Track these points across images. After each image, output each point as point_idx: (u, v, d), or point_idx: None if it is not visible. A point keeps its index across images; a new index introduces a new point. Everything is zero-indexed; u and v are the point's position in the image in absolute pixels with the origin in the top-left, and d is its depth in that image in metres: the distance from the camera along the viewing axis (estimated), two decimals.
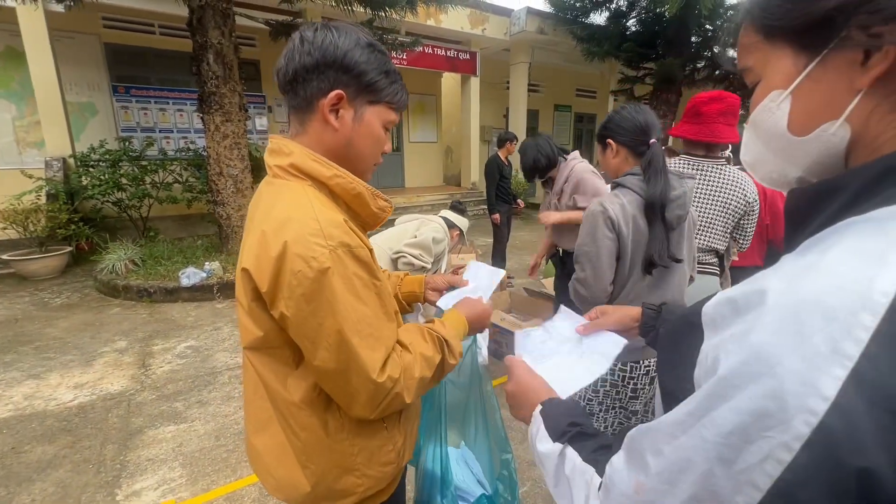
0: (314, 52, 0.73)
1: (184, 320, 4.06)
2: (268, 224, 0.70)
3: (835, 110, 0.40)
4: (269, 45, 6.34)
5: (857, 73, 0.38)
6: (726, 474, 0.34)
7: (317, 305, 0.67)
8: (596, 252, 1.34)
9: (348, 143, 0.79)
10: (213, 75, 4.77)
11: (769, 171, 0.48)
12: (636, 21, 9.24)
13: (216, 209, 5.27)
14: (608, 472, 0.47)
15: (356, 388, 0.71)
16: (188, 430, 2.47)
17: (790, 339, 0.32)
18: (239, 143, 5.09)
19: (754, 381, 0.33)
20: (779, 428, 0.31)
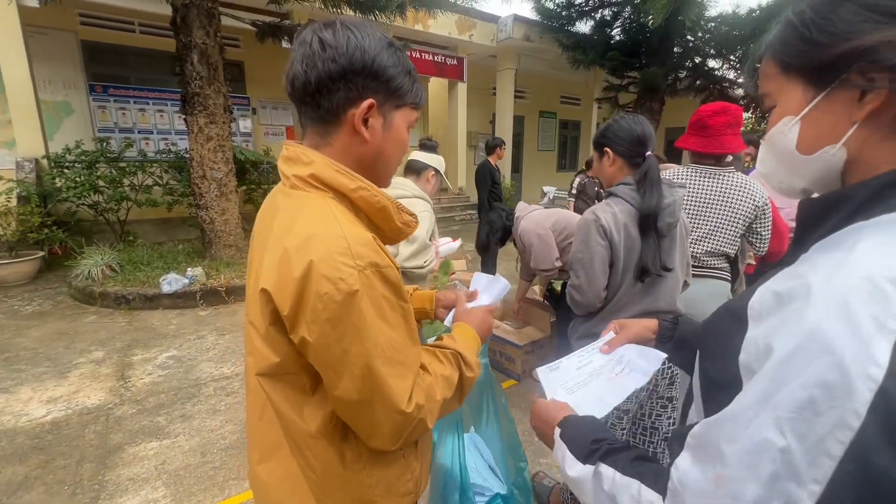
0: (339, 59, 0.66)
1: (165, 329, 3.91)
2: (290, 241, 0.63)
3: (835, 136, 0.48)
4: (254, 46, 6.22)
5: (855, 107, 0.46)
6: (802, 448, 0.38)
7: (343, 331, 0.62)
8: (589, 259, 1.40)
9: (378, 153, 0.74)
10: (198, 76, 4.65)
11: (779, 181, 0.57)
12: (620, 31, 9.42)
13: (199, 213, 5.12)
14: (674, 476, 0.48)
15: (380, 419, 0.66)
16: (172, 446, 2.35)
17: (841, 321, 0.38)
18: (223, 146, 4.96)
19: (817, 358, 0.38)
20: (845, 397, 0.37)
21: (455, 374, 0.77)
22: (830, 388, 0.37)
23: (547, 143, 13.64)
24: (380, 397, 0.65)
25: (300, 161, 0.71)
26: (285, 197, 0.72)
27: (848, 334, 0.37)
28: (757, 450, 0.41)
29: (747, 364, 0.45)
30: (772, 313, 0.45)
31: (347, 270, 0.61)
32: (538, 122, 13.22)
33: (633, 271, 1.41)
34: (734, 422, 0.43)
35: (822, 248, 0.47)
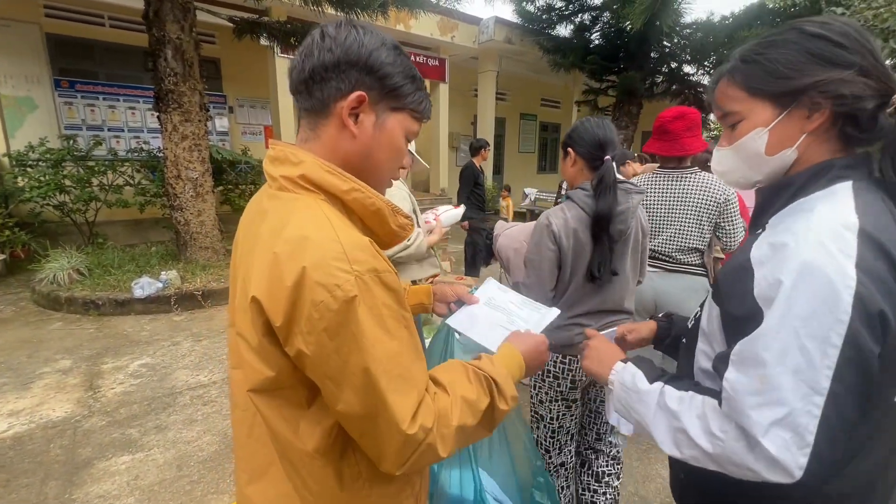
0: (336, 49, 0.64)
1: (137, 335, 3.75)
2: (280, 246, 0.59)
3: (791, 141, 0.69)
4: (231, 42, 6.04)
5: (805, 122, 0.68)
6: (813, 344, 0.57)
7: (341, 341, 0.57)
8: (539, 261, 1.48)
9: (366, 153, 0.70)
10: (172, 72, 4.48)
11: (738, 177, 0.77)
12: (600, 35, 9.55)
13: (173, 214, 4.93)
14: (726, 386, 0.64)
15: (384, 437, 0.61)
16: (145, 459, 2.24)
17: (822, 253, 0.59)
18: (199, 145, 4.80)
19: (812, 280, 0.58)
20: (835, 301, 0.56)
21: (483, 400, 0.70)
22: (825, 298, 0.57)
23: (527, 145, 13.75)
24: (379, 413, 0.60)
25: (288, 161, 0.67)
26: (273, 200, 0.68)
27: (828, 261, 0.58)
28: (784, 351, 0.59)
29: (764, 295, 0.63)
30: (770, 258, 0.64)
31: (344, 276, 0.57)
32: (519, 124, 13.32)
33: (581, 274, 1.47)
34: (766, 336, 0.61)
35: (786, 216, 0.69)
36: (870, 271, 0.57)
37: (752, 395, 0.61)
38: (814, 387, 0.58)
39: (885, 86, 0.64)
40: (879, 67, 0.64)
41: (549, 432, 1.66)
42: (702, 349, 0.77)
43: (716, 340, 0.74)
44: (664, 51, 9.12)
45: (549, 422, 1.65)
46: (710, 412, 0.67)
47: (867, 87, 0.63)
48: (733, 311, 0.69)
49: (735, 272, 0.69)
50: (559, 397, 1.61)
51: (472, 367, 0.74)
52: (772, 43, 0.69)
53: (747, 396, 0.61)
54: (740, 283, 0.67)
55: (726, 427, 0.64)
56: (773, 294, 0.61)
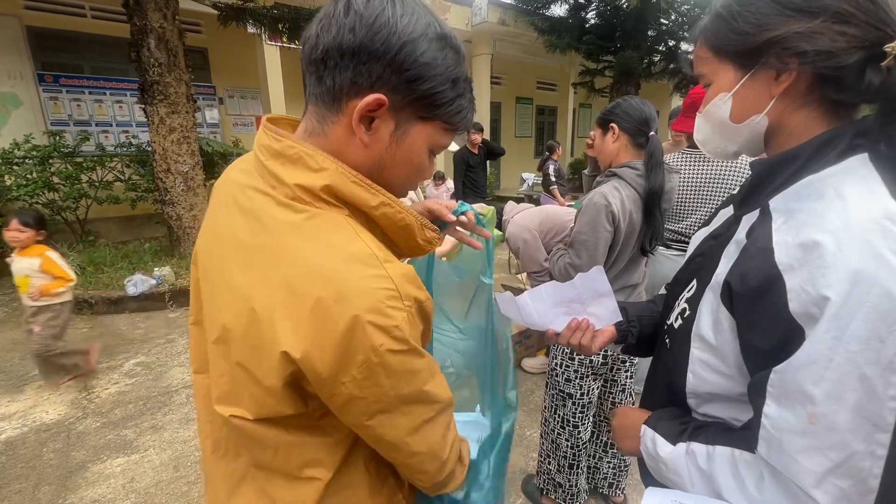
0: (359, 31, 0.50)
1: (131, 333, 3.69)
2: (324, 288, 0.49)
3: (759, 107, 0.60)
4: (218, 31, 5.86)
5: (773, 85, 0.58)
6: (876, 372, 0.46)
7: (398, 377, 0.54)
8: (594, 242, 1.43)
9: (378, 168, 0.58)
10: (156, 62, 4.34)
11: (714, 146, 0.69)
12: (595, 14, 9.34)
13: (165, 209, 4.84)
14: (766, 424, 0.54)
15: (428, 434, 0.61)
16: (141, 461, 2.19)
17: (872, 258, 0.47)
18: (188, 137, 4.68)
19: (868, 293, 0.46)
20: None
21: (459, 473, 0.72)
22: (887, 316, 0.46)
23: (524, 130, 13.56)
24: (430, 411, 0.60)
25: (304, 165, 0.54)
26: (289, 213, 0.53)
27: (882, 268, 0.46)
28: (841, 383, 0.48)
29: (805, 312, 0.50)
30: (804, 263, 0.51)
31: (400, 315, 0.51)
32: (515, 109, 13.11)
33: (627, 253, 1.49)
34: (815, 364, 0.49)
35: (800, 200, 0.56)
36: None
37: (801, 436, 0.50)
38: (878, 423, 0.47)
39: (877, 31, 0.50)
40: (870, 9, 0.51)
41: (579, 408, 1.68)
42: (700, 357, 0.65)
43: (727, 355, 0.61)
44: (661, 28, 8.93)
45: (579, 398, 1.67)
46: (743, 468, 0.57)
47: (842, 39, 0.51)
48: (759, 330, 0.56)
49: (757, 281, 0.55)
50: (590, 373, 1.63)
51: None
52: None
53: (795, 438, 0.51)
54: (768, 296, 0.53)
55: (762, 484, 0.55)
56: (816, 312, 0.49)
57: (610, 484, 1.86)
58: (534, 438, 2.35)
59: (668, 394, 0.72)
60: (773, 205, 0.59)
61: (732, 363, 0.61)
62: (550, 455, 1.78)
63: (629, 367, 1.74)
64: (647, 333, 0.89)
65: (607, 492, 1.88)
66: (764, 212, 0.60)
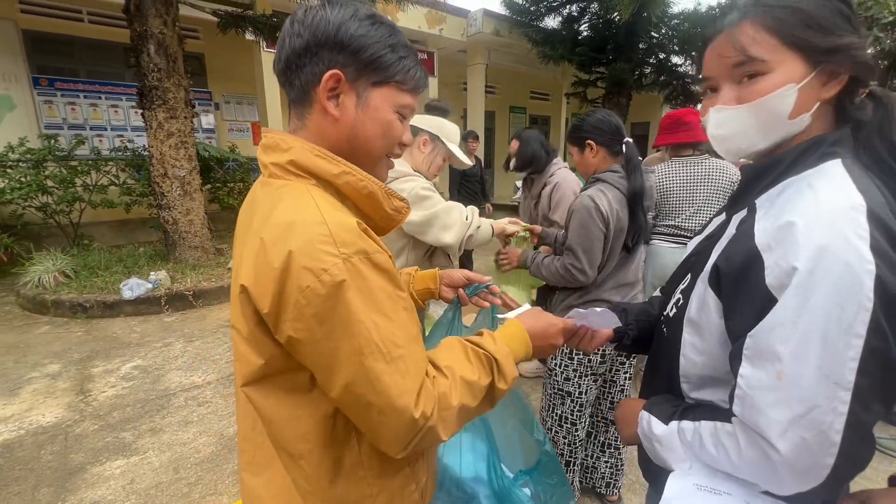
0: (304, 32, 0.62)
1: (128, 337, 3.68)
2: (267, 231, 0.58)
3: (809, 107, 0.62)
4: (215, 37, 5.91)
5: (821, 89, 0.61)
6: (837, 333, 0.52)
7: (331, 326, 0.55)
8: (590, 243, 1.54)
9: (352, 135, 0.67)
10: (155, 68, 4.38)
11: (743, 144, 0.66)
12: (588, 26, 9.53)
13: (161, 213, 4.84)
14: (740, 383, 0.60)
15: (380, 422, 0.59)
16: (140, 463, 2.20)
17: (836, 235, 0.54)
18: (185, 142, 4.71)
19: (831, 266, 0.53)
20: (858, 288, 0.52)
21: (484, 379, 0.67)
22: (847, 284, 0.52)
23: None
24: (377, 398, 0.57)
25: (278, 148, 0.66)
26: (264, 188, 0.67)
27: (844, 244, 0.53)
28: (805, 343, 0.54)
29: (778, 283, 0.57)
30: (779, 241, 0.58)
31: (331, 260, 0.55)
32: (509, 117, 13.28)
33: (617, 250, 1.59)
34: (782, 326, 0.56)
35: (779, 194, 0.64)
36: (884, 254, 0.53)
37: (770, 391, 0.56)
38: (839, 381, 0.52)
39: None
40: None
41: (577, 406, 1.74)
42: (689, 341, 0.71)
43: (710, 333, 0.68)
44: (652, 42, 9.13)
45: (577, 397, 1.73)
46: (724, 438, 0.62)
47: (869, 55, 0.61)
48: (741, 303, 0.62)
49: (740, 260, 0.62)
50: (589, 372, 1.70)
51: (471, 344, 0.71)
52: None
53: (764, 394, 0.56)
54: (750, 272, 0.60)
55: (740, 451, 0.60)
56: (787, 281, 0.55)
57: (607, 483, 1.91)
58: None
59: (665, 381, 0.78)
60: (758, 202, 0.66)
61: (715, 341, 0.67)
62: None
63: (628, 368, 1.81)
64: (643, 334, 0.94)
65: (604, 491, 1.92)
66: (751, 209, 0.67)
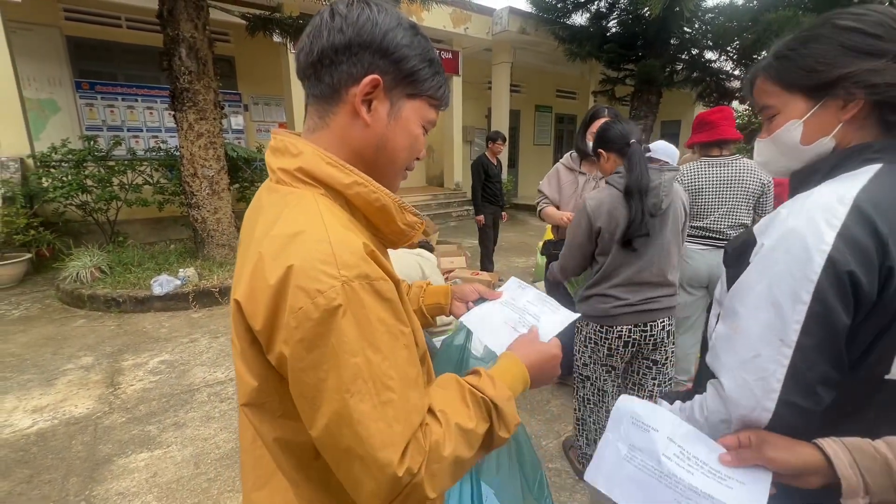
0: (347, 29, 0.59)
1: (156, 332, 3.80)
2: (267, 245, 0.54)
3: (827, 130, 0.72)
4: (244, 40, 6.06)
5: (840, 112, 0.70)
6: (784, 298, 0.63)
7: (320, 355, 0.50)
8: (572, 239, 1.77)
9: (380, 144, 0.64)
10: (186, 70, 4.51)
11: (777, 166, 0.81)
12: (617, 22, 9.30)
13: (190, 212, 4.99)
14: (713, 337, 0.75)
15: (359, 475, 0.53)
16: (163, 456, 2.25)
17: (807, 222, 0.64)
18: (214, 143, 4.83)
19: (789, 242, 0.65)
20: (807, 263, 0.62)
21: (482, 426, 0.60)
22: (799, 259, 0.63)
23: (543, 138, 13.55)
24: (358, 445, 0.51)
25: (287, 152, 0.62)
26: (270, 194, 0.64)
27: (810, 228, 0.63)
28: (757, 304, 0.66)
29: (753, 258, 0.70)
30: (768, 226, 0.71)
31: (329, 281, 0.50)
32: (534, 116, 13.12)
33: (612, 244, 1.68)
34: (742, 290, 0.69)
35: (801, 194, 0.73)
36: (850, 239, 0.60)
37: (725, 340, 0.70)
38: (783, 338, 0.63)
39: None
40: None
41: (597, 389, 1.88)
42: (714, 313, 0.83)
43: (722, 303, 0.79)
44: (684, 37, 8.84)
45: (595, 381, 1.88)
46: (703, 401, 0.73)
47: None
48: (733, 277, 0.75)
49: (741, 242, 0.76)
50: (599, 362, 1.83)
51: (468, 386, 0.64)
52: (806, 38, 0.71)
53: (722, 342, 0.71)
54: (745, 252, 0.73)
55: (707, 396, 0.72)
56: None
57: None
58: (549, 448, 2.33)
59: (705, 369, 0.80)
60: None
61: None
62: (579, 432, 2.01)
63: (656, 374, 1.84)
64: None
65: None
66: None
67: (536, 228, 8.41)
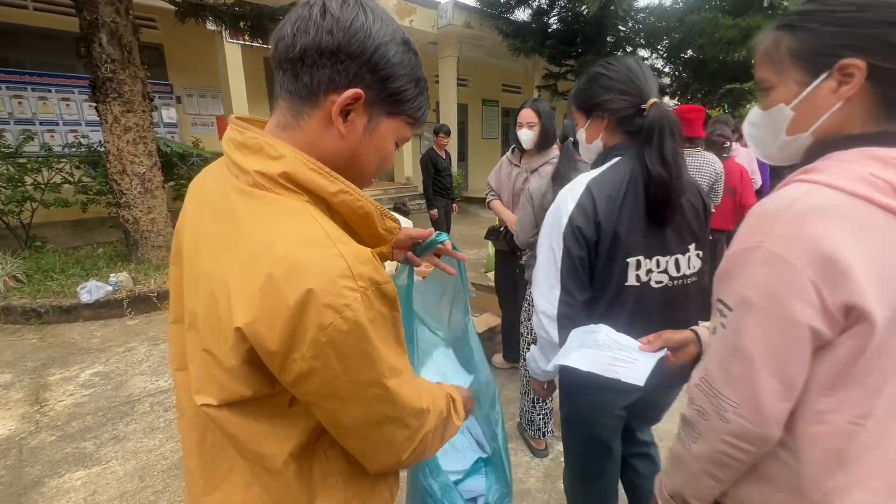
0: (337, 34, 0.56)
1: (87, 343, 3.51)
2: (275, 265, 0.51)
3: (597, 137, 1.16)
4: (174, 27, 5.64)
5: (600, 123, 1.15)
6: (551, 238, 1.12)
7: (351, 361, 0.54)
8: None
9: (352, 156, 0.63)
10: (109, 59, 4.15)
11: (588, 157, 1.25)
12: (557, 19, 9.62)
13: (120, 212, 4.62)
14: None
15: (391, 434, 0.62)
16: (103, 473, 2.10)
17: (562, 198, 1.11)
18: (144, 137, 4.49)
19: (554, 210, 1.13)
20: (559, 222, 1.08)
21: (445, 409, 0.72)
22: (556, 220, 1.07)
23: (491, 132, 13.76)
24: (393, 410, 0.60)
25: (264, 153, 0.57)
26: (247, 199, 0.57)
27: (563, 202, 1.07)
28: (540, 254, 1.11)
29: None
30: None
31: (351, 295, 0.52)
32: (482, 111, 13.29)
33: None
34: (541, 241, 1.13)
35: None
36: (580, 206, 1.05)
37: (535, 281, 1.13)
38: (557, 267, 1.06)
39: (638, 99, 1.07)
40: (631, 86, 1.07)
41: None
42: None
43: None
44: (619, 35, 9.30)
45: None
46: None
47: (625, 102, 1.08)
48: None
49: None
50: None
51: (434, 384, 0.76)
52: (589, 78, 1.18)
53: (534, 287, 1.13)
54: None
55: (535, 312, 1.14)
56: None
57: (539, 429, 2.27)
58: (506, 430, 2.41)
59: None
60: None
61: None
62: (529, 409, 2.24)
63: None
64: None
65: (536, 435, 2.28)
66: None
67: (488, 221, 8.56)
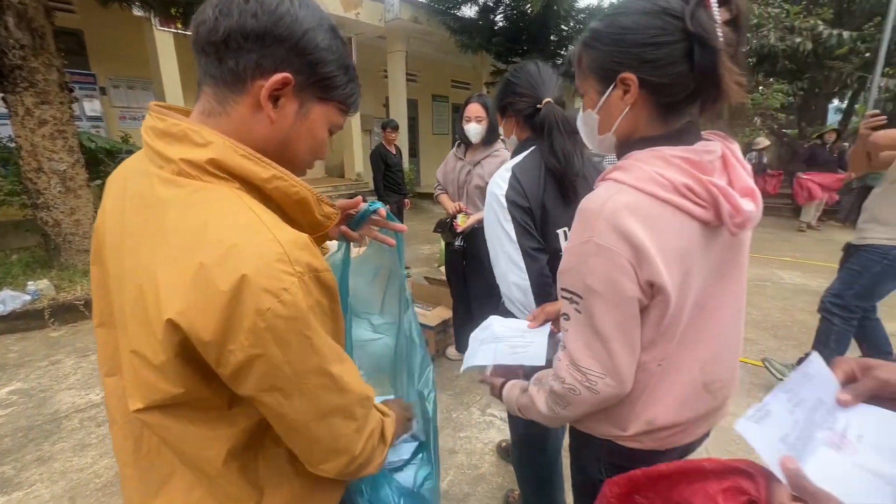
0: (262, 17, 0.54)
1: (3, 358, 3.19)
2: (206, 253, 0.49)
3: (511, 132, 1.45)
4: (95, 12, 5.20)
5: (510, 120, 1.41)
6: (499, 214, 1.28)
7: (292, 348, 0.52)
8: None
9: (284, 142, 0.62)
10: (17, 44, 3.75)
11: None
12: (503, 17, 9.79)
13: (38, 214, 4.21)
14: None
15: (339, 426, 0.61)
16: (26, 498, 1.93)
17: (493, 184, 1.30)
18: (64, 132, 4.12)
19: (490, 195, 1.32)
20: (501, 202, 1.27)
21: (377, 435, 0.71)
22: (498, 202, 1.24)
23: (441, 127, 13.81)
24: (341, 398, 0.60)
25: (189, 141, 0.55)
26: (172, 188, 0.55)
27: (496, 187, 1.26)
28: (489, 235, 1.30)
29: None
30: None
31: (289, 279, 0.51)
32: (432, 106, 13.30)
33: None
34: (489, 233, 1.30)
35: None
36: (511, 186, 1.24)
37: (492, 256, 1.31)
38: (509, 239, 1.23)
39: (534, 99, 1.30)
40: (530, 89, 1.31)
41: None
42: None
43: None
44: (562, 34, 9.61)
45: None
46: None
47: (524, 103, 1.32)
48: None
49: None
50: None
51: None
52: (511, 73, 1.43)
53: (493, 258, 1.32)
54: None
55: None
56: None
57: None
58: (460, 419, 2.47)
59: None
60: None
61: None
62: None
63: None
64: None
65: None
66: None
67: (439, 216, 8.62)
